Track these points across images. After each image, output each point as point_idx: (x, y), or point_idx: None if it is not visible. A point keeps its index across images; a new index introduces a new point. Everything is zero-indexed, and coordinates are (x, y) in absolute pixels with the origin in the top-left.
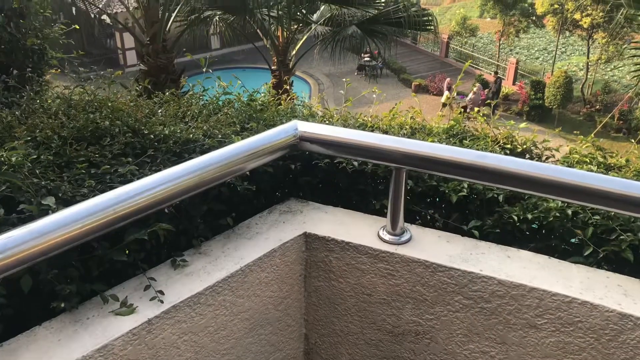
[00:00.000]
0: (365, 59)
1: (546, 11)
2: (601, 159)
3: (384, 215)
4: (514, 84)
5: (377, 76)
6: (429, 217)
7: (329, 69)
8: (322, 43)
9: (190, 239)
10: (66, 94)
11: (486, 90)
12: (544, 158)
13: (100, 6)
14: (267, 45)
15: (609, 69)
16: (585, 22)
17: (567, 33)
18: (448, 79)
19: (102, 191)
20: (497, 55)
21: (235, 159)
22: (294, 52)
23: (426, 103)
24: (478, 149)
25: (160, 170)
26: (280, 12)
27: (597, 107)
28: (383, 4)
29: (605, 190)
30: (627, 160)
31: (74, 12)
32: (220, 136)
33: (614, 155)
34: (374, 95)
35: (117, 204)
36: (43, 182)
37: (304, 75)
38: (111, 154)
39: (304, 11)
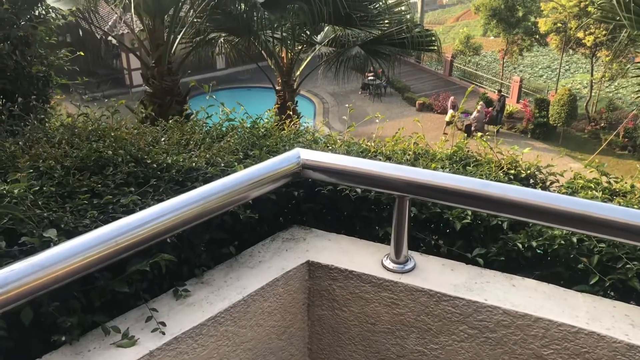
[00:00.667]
0: (370, 77)
1: (549, 30)
2: (606, 184)
3: (387, 242)
4: (518, 102)
5: (382, 95)
6: (432, 244)
7: (333, 88)
8: (326, 63)
9: (192, 268)
10: (70, 121)
11: (490, 108)
12: (548, 183)
13: (107, 28)
14: (272, 66)
15: (612, 87)
16: (588, 41)
17: (571, 51)
18: (452, 98)
19: (105, 222)
20: (501, 74)
21: (238, 188)
22: (298, 72)
23: (430, 121)
24: (482, 175)
25: (162, 199)
26: (284, 34)
27: (602, 124)
28: (387, 25)
29: (609, 220)
30: (632, 186)
31: (80, 33)
32: (222, 164)
33: (619, 180)
34: (377, 120)
35: (119, 235)
36: (45, 214)
37: (309, 94)
38: (114, 184)
39: (308, 32)
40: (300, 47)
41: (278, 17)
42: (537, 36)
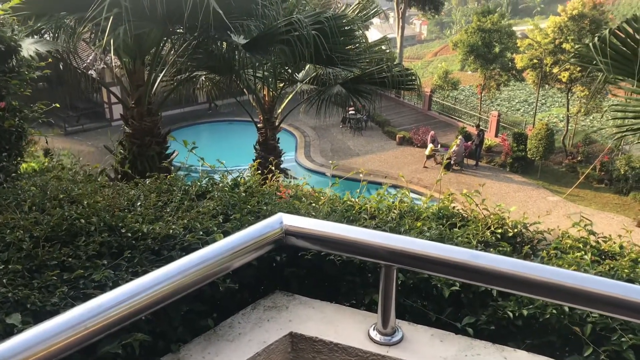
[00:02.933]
0: (350, 112)
1: (525, 66)
2: (594, 243)
3: (374, 309)
4: (496, 136)
5: (362, 129)
6: (420, 311)
7: (315, 122)
8: (307, 101)
9: (168, 343)
10: (44, 180)
11: (469, 142)
12: (535, 242)
13: (88, 61)
14: (253, 103)
15: (588, 121)
16: (564, 77)
17: (547, 86)
18: (432, 132)
19: (75, 298)
20: (479, 108)
21: (218, 259)
22: (280, 110)
23: (411, 155)
24: (469, 235)
25: (137, 271)
26: (265, 73)
27: (579, 158)
28: (367, 63)
29: (604, 295)
30: (621, 247)
31: (60, 66)
32: (201, 232)
33: (607, 239)
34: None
35: (89, 319)
36: (10, 293)
37: (290, 128)
38: (86, 255)
39: (289, 70)
40: (281, 85)
41: (259, 58)
42: (514, 72)
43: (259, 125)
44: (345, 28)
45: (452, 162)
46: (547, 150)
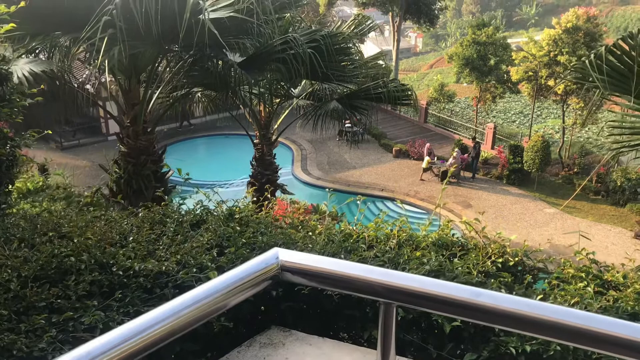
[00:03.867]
0: (347, 125)
1: (521, 78)
2: (597, 272)
3: (373, 344)
4: (492, 148)
5: (359, 141)
6: (421, 347)
7: (311, 135)
8: (304, 117)
9: None
10: (33, 213)
11: (466, 154)
12: (536, 271)
13: (84, 76)
14: (249, 119)
15: (583, 132)
16: (559, 89)
17: (542, 98)
18: (428, 144)
19: (64, 342)
20: (475, 120)
21: (212, 299)
22: (276, 125)
23: (407, 168)
24: (469, 265)
25: (128, 312)
26: (261, 89)
27: (575, 170)
28: (363, 78)
29: (607, 334)
30: (624, 277)
31: (56, 82)
32: (195, 269)
33: (610, 268)
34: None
35: None
36: None
37: (286, 141)
38: (75, 295)
39: (285, 86)
40: (277, 101)
41: (255, 77)
42: (509, 84)
43: (255, 141)
44: (341, 46)
45: (448, 174)
46: (543, 162)
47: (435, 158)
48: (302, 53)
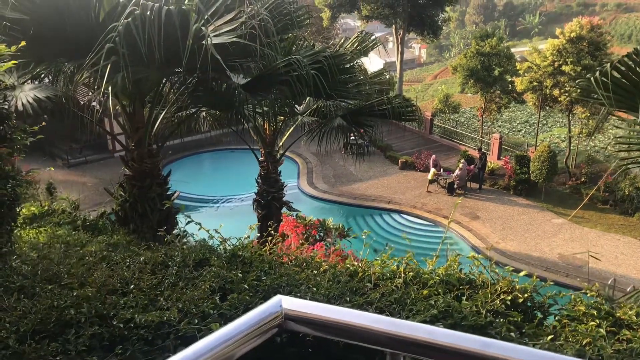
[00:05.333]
0: (352, 137)
1: (526, 88)
2: (608, 309)
3: None
4: (499, 158)
5: (364, 154)
6: None
7: (317, 148)
8: (309, 134)
9: None
10: (33, 257)
11: (472, 165)
12: (546, 306)
13: (89, 96)
14: (254, 137)
15: (590, 140)
16: (564, 99)
17: (547, 108)
18: (433, 156)
19: None
20: (480, 130)
21: (214, 353)
22: (281, 143)
23: (413, 180)
24: (478, 304)
25: None
26: (265, 108)
27: (582, 179)
28: (367, 94)
29: None
30: (637, 315)
31: (62, 100)
32: (197, 320)
33: (622, 305)
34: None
35: None
36: None
37: (292, 155)
38: (75, 350)
39: (290, 104)
40: (282, 119)
41: (259, 97)
42: (514, 94)
43: (260, 158)
44: (345, 66)
45: (455, 185)
46: (550, 172)
47: (442, 170)
48: (306, 75)
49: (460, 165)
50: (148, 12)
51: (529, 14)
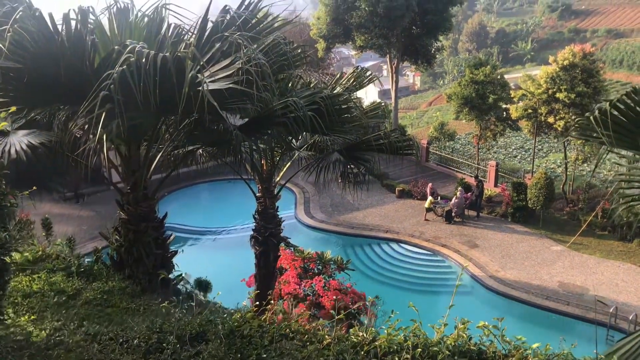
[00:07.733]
0: (349, 166)
1: (520, 116)
2: None
3: None
4: (495, 185)
5: (361, 183)
6: None
7: (314, 177)
8: (306, 169)
9: None
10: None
11: (469, 193)
12: None
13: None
14: (251, 173)
15: (586, 165)
16: (559, 126)
17: (543, 134)
18: (430, 184)
19: None
20: (476, 158)
21: None
22: (278, 178)
23: (411, 208)
24: None
25: None
26: (263, 145)
27: (580, 205)
28: (363, 130)
29: None
30: None
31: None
32: None
33: None
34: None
35: None
36: None
37: (289, 184)
38: None
39: (287, 140)
40: (279, 153)
41: (256, 138)
42: (509, 121)
43: (257, 194)
44: (342, 106)
45: (452, 213)
46: (547, 199)
47: (439, 198)
48: (303, 116)
49: (458, 193)
50: (143, 60)
51: (521, 40)
